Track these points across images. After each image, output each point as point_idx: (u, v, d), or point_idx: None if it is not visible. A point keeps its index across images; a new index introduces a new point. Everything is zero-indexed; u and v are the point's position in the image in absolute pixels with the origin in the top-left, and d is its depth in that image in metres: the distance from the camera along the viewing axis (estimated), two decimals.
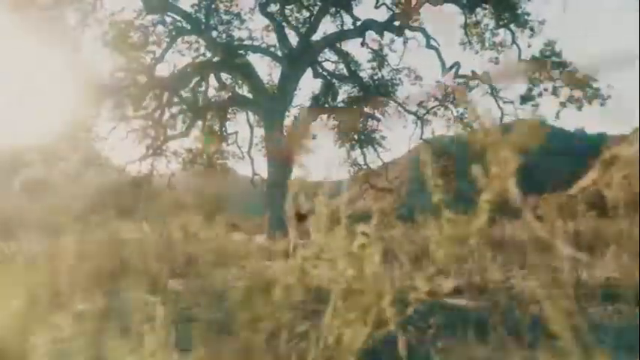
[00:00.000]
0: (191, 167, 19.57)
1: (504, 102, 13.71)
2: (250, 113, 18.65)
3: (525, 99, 13.04)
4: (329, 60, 17.18)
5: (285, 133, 14.83)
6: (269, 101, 14.81)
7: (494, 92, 13.29)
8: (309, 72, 16.92)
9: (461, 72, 14.26)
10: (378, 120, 15.78)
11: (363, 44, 16.50)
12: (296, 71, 14.98)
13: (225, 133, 18.02)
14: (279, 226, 12.88)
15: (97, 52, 15.93)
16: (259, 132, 18.22)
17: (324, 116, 16.17)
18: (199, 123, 17.58)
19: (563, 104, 12.46)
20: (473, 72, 13.18)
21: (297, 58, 14.79)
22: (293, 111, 16.39)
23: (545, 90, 12.75)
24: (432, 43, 14.06)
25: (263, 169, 17.61)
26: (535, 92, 12.89)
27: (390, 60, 17.03)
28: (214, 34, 14.44)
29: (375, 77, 16.27)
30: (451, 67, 13.74)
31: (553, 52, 12.61)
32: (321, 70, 16.94)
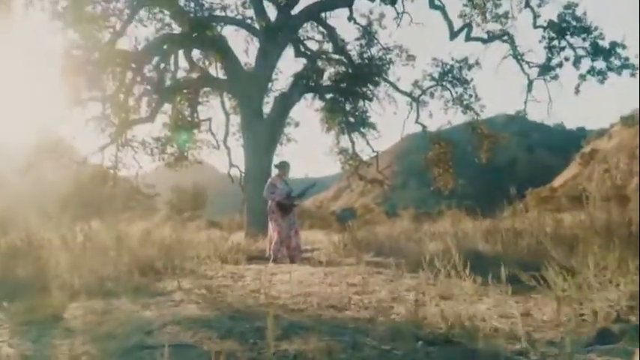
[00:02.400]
0: (160, 159, 17.65)
1: (530, 66, 11.91)
2: (226, 98, 16.84)
3: (544, 69, 11.46)
4: (312, 38, 15.47)
5: (264, 119, 13.07)
6: (246, 82, 13.02)
7: (517, 55, 11.65)
8: (289, 52, 15.20)
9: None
10: (370, 99, 14.12)
11: (350, 19, 14.82)
12: (275, 47, 13.21)
13: (197, 119, 16.14)
14: (258, 223, 11.19)
15: (47, 27, 13.81)
16: (236, 120, 16.42)
17: (309, 97, 14.44)
18: (167, 107, 15.68)
19: (582, 77, 10.96)
20: (489, 33, 11.49)
21: (277, 32, 13.02)
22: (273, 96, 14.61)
23: (566, 60, 11.20)
24: (437, 1, 12.30)
25: (240, 161, 15.82)
26: (554, 62, 11.33)
27: (379, 39, 15.41)
28: (182, 2, 12.54)
29: (365, 55, 14.58)
30: (461, 29, 12.01)
31: (574, 17, 11.10)
32: (303, 49, 15.21)
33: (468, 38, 12.08)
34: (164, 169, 18.58)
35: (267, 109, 13.91)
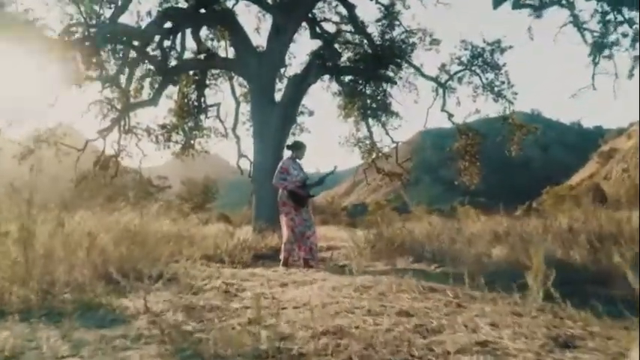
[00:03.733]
0: (166, 147, 16.56)
1: (593, 35, 10.23)
2: (236, 83, 15.67)
3: (597, 47, 10.03)
4: (329, 20, 14.17)
5: (275, 103, 11.88)
6: (257, 63, 11.83)
7: (577, 23, 10.20)
8: (304, 38, 13.95)
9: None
10: (394, 83, 12.81)
11: None
12: (290, 24, 11.98)
13: (204, 104, 14.99)
14: (267, 216, 10.03)
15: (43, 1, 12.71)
16: (247, 108, 15.21)
17: (325, 80, 13.17)
18: (173, 92, 14.57)
19: (636, 58, 9.55)
20: None
21: (291, 7, 11.80)
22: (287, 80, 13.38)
23: (625, 36, 9.77)
24: None
25: (250, 151, 14.62)
26: (609, 39, 9.89)
27: (402, 20, 14.07)
28: None
29: (386, 37, 13.27)
30: None
31: None
32: (320, 31, 13.95)
33: (515, 6, 10.50)
34: (176, 161, 17.54)
35: (279, 96, 12.76)
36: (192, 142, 16.47)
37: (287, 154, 6.23)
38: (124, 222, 7.37)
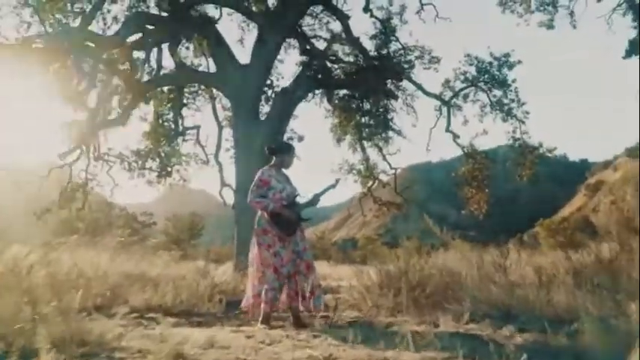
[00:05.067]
0: (140, 175, 14.87)
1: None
2: (218, 105, 14.22)
3: (631, 51, 8.80)
4: (320, 37, 12.90)
5: (261, 121, 10.43)
6: (240, 77, 10.45)
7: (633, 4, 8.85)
8: (292, 57, 12.71)
9: None
10: (395, 97, 11.43)
11: (367, 10, 12.33)
12: (276, 35, 10.69)
13: (181, 127, 13.47)
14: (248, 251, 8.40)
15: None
16: (230, 133, 13.69)
17: (318, 98, 11.74)
18: (148, 113, 13.03)
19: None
20: None
21: (279, 16, 10.53)
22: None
23: None
24: None
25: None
26: None
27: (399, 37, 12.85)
28: None
29: (383, 52, 12.02)
30: None
31: None
32: (309, 47, 12.66)
33: None
34: (165, 199, 15.93)
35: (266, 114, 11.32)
36: (169, 169, 14.87)
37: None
38: (58, 259, 5.71)
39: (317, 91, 11.69)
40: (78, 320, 2.65)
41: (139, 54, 11.49)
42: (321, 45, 12.46)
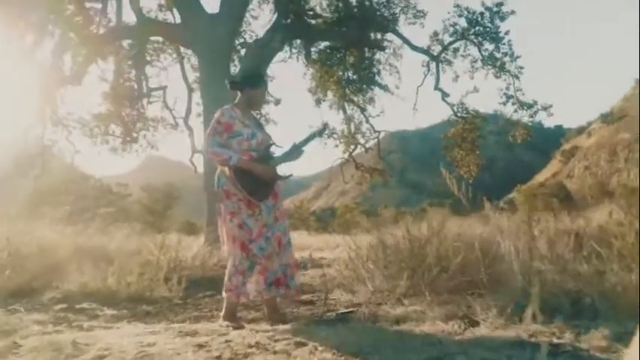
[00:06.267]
0: (103, 141, 13.60)
1: None
2: (187, 65, 12.96)
3: None
4: None
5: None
6: (208, 28, 9.26)
7: None
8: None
9: None
10: (382, 49, 10.41)
11: None
12: None
13: (145, 88, 12.22)
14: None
15: None
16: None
17: (295, 50, 10.59)
18: (108, 72, 11.70)
19: None
20: None
21: None
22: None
23: None
24: None
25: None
26: None
27: None
28: None
29: (366, 3, 10.89)
30: None
31: None
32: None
33: None
34: (141, 170, 14.71)
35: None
36: (134, 134, 13.65)
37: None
38: None
39: (295, 42, 10.54)
40: None
41: (94, 4, 10.14)
42: None
